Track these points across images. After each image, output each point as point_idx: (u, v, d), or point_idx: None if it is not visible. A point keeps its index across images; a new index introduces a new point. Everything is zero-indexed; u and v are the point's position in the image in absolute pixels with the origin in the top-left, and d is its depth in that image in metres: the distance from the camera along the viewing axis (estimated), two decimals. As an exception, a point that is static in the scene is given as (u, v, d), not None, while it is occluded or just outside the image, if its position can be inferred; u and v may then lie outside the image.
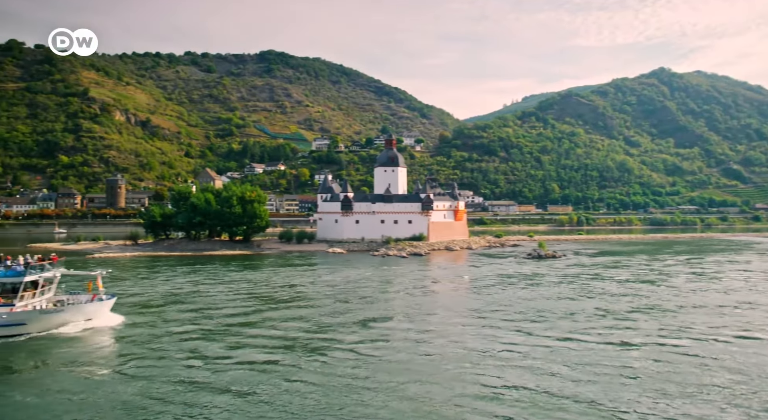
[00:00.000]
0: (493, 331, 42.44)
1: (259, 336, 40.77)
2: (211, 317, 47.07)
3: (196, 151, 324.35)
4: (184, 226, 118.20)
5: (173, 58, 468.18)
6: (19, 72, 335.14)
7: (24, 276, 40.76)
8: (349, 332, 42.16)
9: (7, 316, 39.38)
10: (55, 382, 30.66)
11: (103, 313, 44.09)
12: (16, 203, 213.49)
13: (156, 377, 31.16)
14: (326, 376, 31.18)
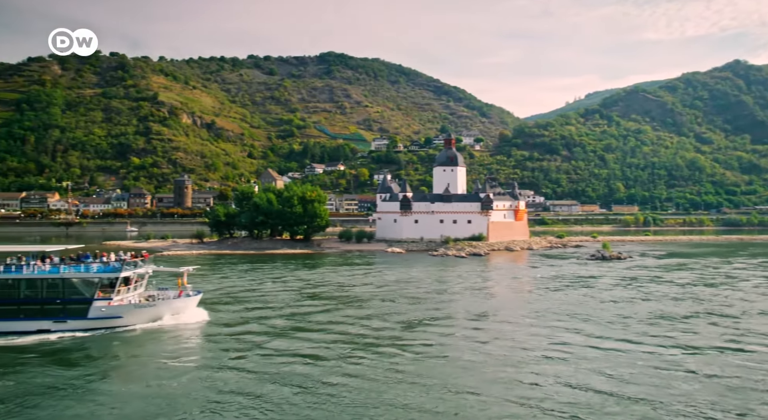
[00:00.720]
0: (549, 331, 41.97)
1: (329, 333, 41.68)
2: (283, 314, 48.52)
3: (259, 152, 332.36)
4: (247, 225, 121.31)
5: (237, 61, 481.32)
6: (96, 79, 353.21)
7: (120, 272, 42.98)
8: (408, 331, 42.43)
9: (106, 309, 42.14)
10: (148, 372, 32.62)
11: (190, 309, 46.10)
12: (93, 203, 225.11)
13: (237, 370, 32.51)
14: (396, 373, 31.70)
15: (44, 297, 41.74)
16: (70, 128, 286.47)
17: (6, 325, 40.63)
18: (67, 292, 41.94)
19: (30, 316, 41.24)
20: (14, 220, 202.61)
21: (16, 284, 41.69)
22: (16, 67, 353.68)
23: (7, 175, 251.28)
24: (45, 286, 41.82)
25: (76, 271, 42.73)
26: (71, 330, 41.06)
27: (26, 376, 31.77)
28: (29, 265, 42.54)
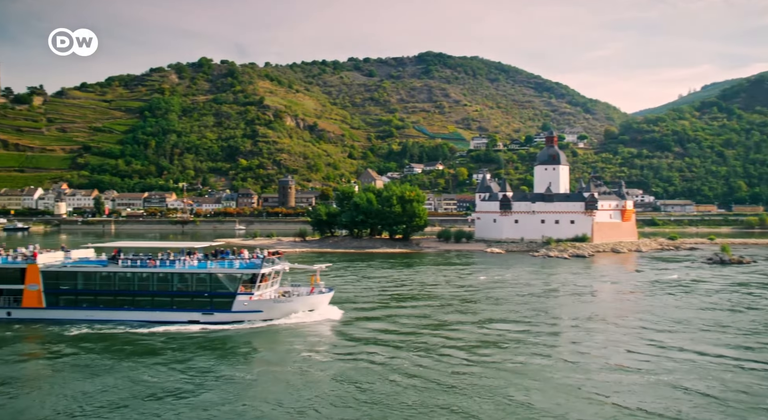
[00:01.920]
0: (652, 338, 39.83)
1: (450, 331, 42.33)
2: (406, 313, 49.33)
3: (359, 152, 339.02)
4: (347, 224, 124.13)
5: (338, 64, 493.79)
6: (208, 85, 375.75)
7: (261, 268, 45.30)
8: (517, 333, 41.96)
9: (248, 304, 44.58)
10: (286, 365, 34.27)
11: (323, 305, 47.71)
12: (205, 202, 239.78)
13: (365, 366, 33.51)
14: (520, 376, 31.43)
15: (194, 290, 45.14)
16: (186, 133, 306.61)
17: (162, 314, 44.60)
18: (213, 286, 44.97)
19: (182, 308, 44.78)
20: (138, 218, 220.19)
21: (170, 277, 45.46)
22: (140, 77, 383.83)
23: (132, 176, 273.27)
24: (195, 280, 45.15)
25: (221, 267, 45.52)
26: (217, 322, 43.89)
27: (182, 362, 34.65)
28: (180, 261, 46.07)
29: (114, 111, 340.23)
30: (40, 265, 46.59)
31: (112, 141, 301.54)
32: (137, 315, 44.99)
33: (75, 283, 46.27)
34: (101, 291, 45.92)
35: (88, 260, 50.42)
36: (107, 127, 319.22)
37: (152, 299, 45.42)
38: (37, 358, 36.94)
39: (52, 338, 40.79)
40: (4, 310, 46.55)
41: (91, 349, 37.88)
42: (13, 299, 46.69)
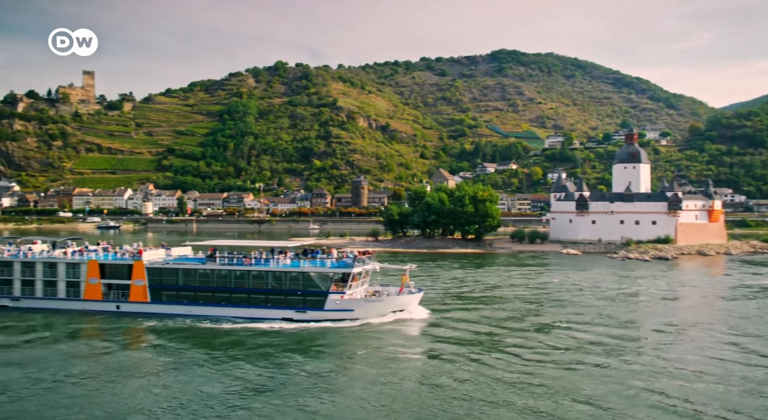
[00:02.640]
0: (738, 344, 37.61)
1: (534, 333, 41.75)
2: (488, 315, 48.74)
3: (431, 152, 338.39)
4: (419, 224, 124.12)
5: (410, 64, 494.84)
6: (284, 88, 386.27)
7: (352, 268, 45.81)
8: (591, 336, 40.64)
9: (339, 302, 45.16)
10: (377, 364, 34.61)
11: (413, 305, 47.84)
12: (281, 202, 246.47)
13: (454, 367, 33.46)
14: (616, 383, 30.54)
15: (288, 288, 46.22)
16: (262, 135, 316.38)
17: (257, 311, 46.08)
18: (306, 285, 45.81)
19: (276, 305, 46.00)
20: (217, 218, 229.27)
21: (264, 276, 46.81)
22: (219, 82, 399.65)
23: (212, 177, 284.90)
24: (288, 278, 46.18)
25: (314, 266, 46.34)
26: (310, 320, 44.66)
27: (276, 358, 35.73)
28: (274, 260, 47.41)
29: (196, 115, 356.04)
30: (145, 262, 49.41)
31: (194, 143, 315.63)
32: (233, 311, 46.58)
33: (176, 280, 48.69)
34: (200, 287, 47.99)
35: (186, 258, 52.90)
36: (189, 130, 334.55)
37: (248, 296, 46.88)
38: (142, 350, 39.19)
39: (156, 331, 43.18)
40: (114, 304, 49.68)
41: (191, 342, 39.75)
42: (121, 293, 49.78)
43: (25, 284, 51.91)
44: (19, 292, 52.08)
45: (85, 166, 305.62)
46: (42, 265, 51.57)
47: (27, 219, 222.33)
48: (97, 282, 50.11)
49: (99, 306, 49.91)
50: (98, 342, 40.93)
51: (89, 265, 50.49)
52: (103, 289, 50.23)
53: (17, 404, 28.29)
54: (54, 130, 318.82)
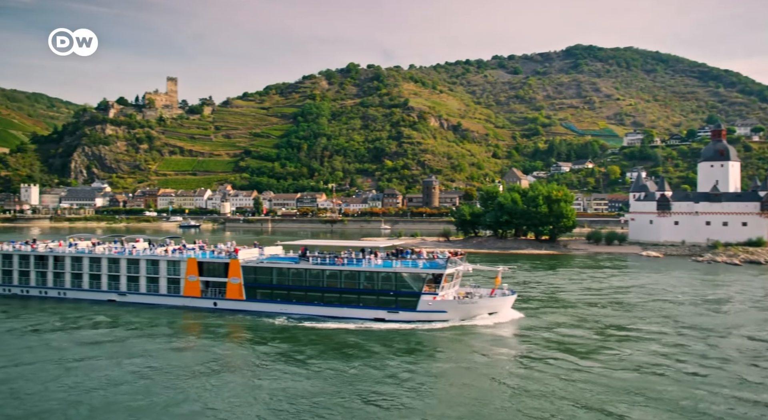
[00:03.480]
0: None
1: (630, 341, 40.42)
2: (586, 318, 47.68)
3: (503, 151, 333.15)
4: (491, 224, 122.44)
5: (481, 63, 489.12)
6: (355, 90, 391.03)
7: (445, 268, 45.45)
8: (683, 343, 38.78)
9: (432, 304, 44.82)
10: (471, 367, 34.37)
11: (506, 308, 47.04)
12: (353, 202, 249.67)
13: (549, 371, 32.96)
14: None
15: (380, 288, 46.22)
16: (335, 136, 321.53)
17: (349, 311, 46.49)
18: (398, 285, 45.65)
19: (368, 305, 46.23)
20: (291, 217, 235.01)
21: (357, 276, 47.09)
22: (293, 85, 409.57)
23: (287, 178, 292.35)
24: (380, 278, 46.23)
25: (406, 266, 46.17)
26: (402, 321, 44.54)
27: (369, 358, 35.97)
28: (366, 260, 47.75)
29: (271, 117, 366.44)
30: (241, 261, 50.85)
31: (269, 145, 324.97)
32: (326, 310, 47.10)
33: (270, 279, 49.80)
34: (293, 286, 48.89)
35: (279, 257, 54.28)
36: (265, 132, 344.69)
37: (340, 296, 47.33)
38: (239, 346, 40.47)
39: (252, 328, 44.57)
40: (211, 301, 51.56)
41: (285, 340, 40.69)
42: (218, 291, 51.58)
43: (131, 280, 54.84)
44: (125, 287, 55.06)
45: (169, 168, 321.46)
46: (145, 263, 54.36)
47: (117, 218, 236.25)
48: (195, 279, 52.07)
49: (197, 302, 51.84)
50: (197, 338, 42.74)
51: (188, 262, 52.61)
52: (201, 286, 52.10)
53: (118, 396, 29.82)
54: (141, 134, 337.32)
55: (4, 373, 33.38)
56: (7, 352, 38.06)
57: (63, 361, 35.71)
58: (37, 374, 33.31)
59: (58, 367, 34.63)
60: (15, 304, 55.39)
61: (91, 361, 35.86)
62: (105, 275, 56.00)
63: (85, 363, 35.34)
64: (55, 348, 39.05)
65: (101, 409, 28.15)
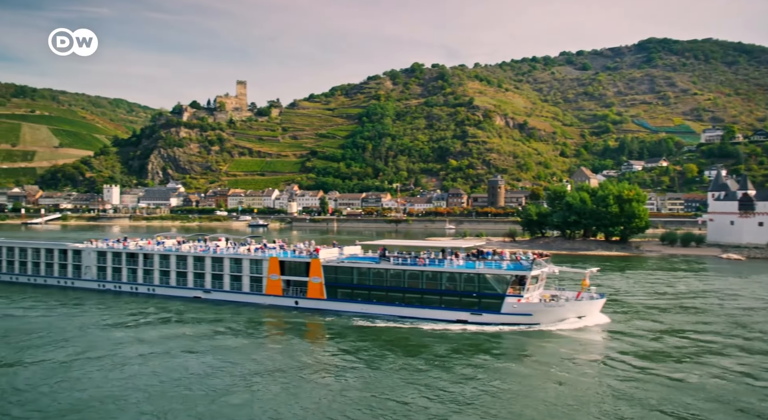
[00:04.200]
0: None
1: (708, 348, 38.56)
2: (675, 323, 45.61)
3: (571, 150, 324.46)
4: (559, 224, 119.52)
5: (549, 60, 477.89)
6: (420, 89, 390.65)
7: (531, 270, 44.26)
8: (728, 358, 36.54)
9: (517, 306, 43.64)
10: (559, 374, 33.05)
11: (594, 312, 45.18)
12: (417, 202, 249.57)
13: (642, 379, 31.58)
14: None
15: (462, 290, 45.43)
16: (399, 136, 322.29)
17: (430, 312, 45.90)
18: (481, 287, 44.70)
19: (450, 307, 45.44)
20: (356, 217, 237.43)
21: (438, 276, 46.34)
22: (358, 86, 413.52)
23: (352, 178, 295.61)
24: (463, 279, 45.41)
25: (489, 268, 45.13)
26: (486, 323, 43.51)
27: (453, 361, 35.47)
28: (448, 260, 46.90)
29: (336, 118, 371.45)
30: (322, 260, 51.28)
31: (335, 146, 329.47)
32: (407, 311, 46.66)
33: (351, 278, 49.83)
34: (374, 286, 48.70)
35: (358, 257, 54.36)
36: (330, 133, 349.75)
37: (421, 297, 46.68)
38: (321, 346, 40.84)
39: (333, 328, 44.78)
40: (292, 299, 52.17)
41: (366, 340, 40.65)
42: (299, 290, 52.14)
43: (215, 278, 56.41)
44: (210, 285, 56.66)
45: (238, 168, 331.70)
46: (229, 261, 55.73)
47: (190, 217, 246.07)
48: (277, 278, 52.83)
49: (279, 301, 52.53)
50: (280, 336, 43.51)
51: (270, 261, 53.40)
52: (282, 285, 52.78)
53: (196, 390, 30.79)
54: (212, 136, 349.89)
55: (96, 365, 35.03)
56: (99, 343, 40.10)
57: (151, 355, 37.15)
58: (124, 365, 34.97)
59: (145, 359, 36.22)
60: (108, 299, 58.10)
61: (174, 355, 37.20)
62: (191, 273, 57.77)
63: (170, 357, 36.68)
64: (146, 341, 40.80)
65: (178, 400, 29.21)
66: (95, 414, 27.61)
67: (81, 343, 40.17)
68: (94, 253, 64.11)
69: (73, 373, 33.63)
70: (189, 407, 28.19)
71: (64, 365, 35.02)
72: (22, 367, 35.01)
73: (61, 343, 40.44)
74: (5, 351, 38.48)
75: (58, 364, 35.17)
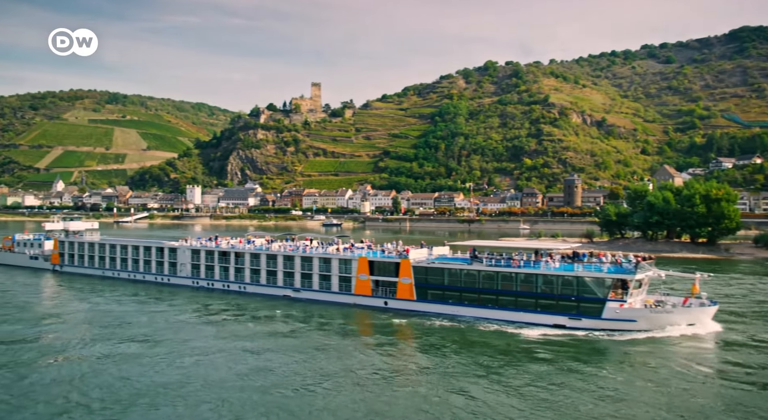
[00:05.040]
0: None
1: None
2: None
3: (653, 147, 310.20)
4: (639, 225, 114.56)
5: (629, 54, 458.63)
6: (493, 88, 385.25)
7: (634, 274, 42.16)
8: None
9: (619, 312, 41.54)
10: (668, 388, 30.87)
11: (705, 320, 42.23)
12: (490, 202, 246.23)
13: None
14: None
15: (559, 293, 43.69)
16: (472, 135, 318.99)
17: (525, 316, 44.40)
18: (580, 291, 42.80)
19: (546, 310, 43.82)
20: (429, 217, 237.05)
21: (534, 279, 44.81)
22: (431, 85, 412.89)
23: (424, 178, 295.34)
24: (560, 282, 43.69)
25: (588, 270, 43.25)
26: (585, 329, 41.64)
27: (551, 368, 34.08)
28: (544, 262, 45.41)
29: (409, 118, 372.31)
30: (412, 261, 50.65)
31: (407, 146, 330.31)
32: (500, 314, 45.41)
33: (442, 279, 48.87)
34: (466, 288, 47.60)
35: (445, 257, 53.45)
36: (403, 133, 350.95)
37: (515, 300, 45.26)
38: (412, 348, 40.05)
39: (425, 330, 43.94)
40: (382, 300, 51.76)
41: (459, 343, 39.76)
42: (389, 290, 51.62)
43: (304, 277, 56.85)
44: (299, 284, 57.16)
45: (313, 169, 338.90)
46: (318, 261, 55.98)
47: (266, 216, 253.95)
48: (366, 278, 52.57)
49: (368, 301, 52.28)
50: (369, 338, 43.00)
51: (359, 261, 53.29)
52: (371, 285, 52.44)
53: (281, 388, 31.18)
54: (288, 137, 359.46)
55: (192, 360, 36.17)
56: (192, 339, 41.50)
57: (242, 352, 37.92)
58: (217, 361, 35.89)
59: (235, 356, 36.96)
60: (201, 295, 60.27)
61: (262, 353, 37.73)
62: (281, 272, 58.40)
63: (257, 355, 37.17)
64: (239, 336, 41.94)
65: (273, 403, 29.62)
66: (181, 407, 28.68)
67: (173, 336, 42.09)
68: (189, 251, 66.34)
69: (163, 364, 35.37)
70: (280, 407, 28.24)
71: (156, 356, 36.95)
72: (116, 357, 36.98)
73: (157, 335, 42.55)
74: (105, 340, 40.99)
75: (153, 355, 37.05)
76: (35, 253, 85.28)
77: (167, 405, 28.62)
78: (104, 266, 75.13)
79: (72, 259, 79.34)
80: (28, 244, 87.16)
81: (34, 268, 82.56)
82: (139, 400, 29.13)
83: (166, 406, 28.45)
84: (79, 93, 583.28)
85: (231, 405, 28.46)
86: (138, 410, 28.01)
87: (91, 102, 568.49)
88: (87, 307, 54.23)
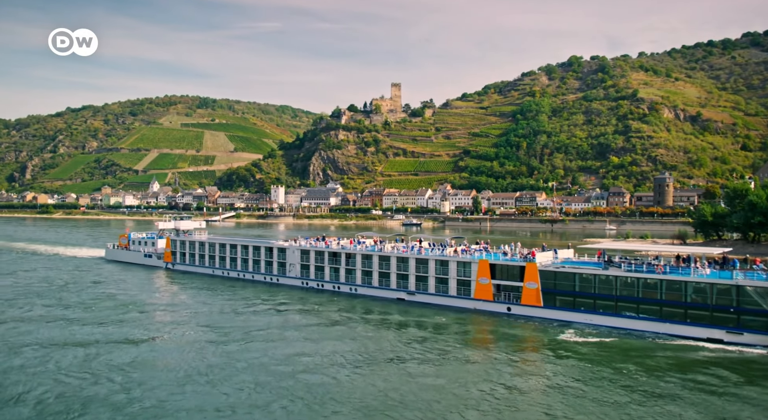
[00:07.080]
0: None
1: None
2: None
3: (755, 143, 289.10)
4: (739, 226, 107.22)
5: (728, 43, 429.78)
6: (578, 84, 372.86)
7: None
8: None
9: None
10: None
11: None
12: (574, 201, 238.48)
13: None
14: None
15: (714, 304, 39.42)
16: (555, 133, 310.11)
17: (671, 327, 40.67)
18: (741, 301, 38.43)
19: (698, 322, 39.80)
20: (510, 217, 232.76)
21: (683, 287, 40.70)
22: (512, 83, 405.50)
23: (505, 177, 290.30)
24: (715, 292, 39.41)
25: (751, 279, 38.97)
26: (748, 344, 37.56)
27: (712, 386, 31.12)
28: (694, 268, 41.53)
29: (489, 117, 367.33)
30: (538, 265, 47.83)
31: (488, 145, 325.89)
32: (641, 324, 41.83)
33: (573, 285, 45.60)
34: (600, 295, 44.15)
35: (573, 261, 51.12)
36: (484, 132, 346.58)
37: (660, 309, 41.37)
38: (542, 360, 36.61)
39: (556, 340, 40.74)
40: (504, 305, 48.82)
41: (596, 356, 36.53)
42: (512, 295, 48.82)
43: (419, 280, 54.68)
44: (414, 286, 54.99)
45: (393, 169, 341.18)
46: (435, 263, 53.81)
47: (347, 216, 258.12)
48: (487, 282, 49.94)
49: (489, 306, 49.62)
50: (493, 344, 40.79)
51: (480, 264, 50.75)
52: (493, 289, 49.82)
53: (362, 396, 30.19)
54: (368, 137, 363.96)
55: (290, 363, 35.39)
56: (301, 343, 40.46)
57: (357, 359, 36.43)
58: (330, 366, 34.84)
59: (349, 364, 35.46)
60: (312, 296, 59.01)
61: (377, 360, 36.18)
62: (394, 274, 56.58)
63: (373, 364, 35.60)
64: (356, 339, 41.24)
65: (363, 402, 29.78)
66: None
67: (282, 336, 42.04)
68: (298, 251, 65.66)
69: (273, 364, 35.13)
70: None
71: (268, 355, 36.87)
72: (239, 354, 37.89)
73: (269, 335, 42.48)
74: (221, 338, 41.57)
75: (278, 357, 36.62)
76: (149, 251, 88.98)
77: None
78: (214, 265, 76.05)
79: (183, 257, 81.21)
80: (143, 243, 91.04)
81: (148, 266, 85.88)
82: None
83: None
84: (173, 98, 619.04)
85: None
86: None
87: (184, 107, 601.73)
88: (205, 308, 53.39)
